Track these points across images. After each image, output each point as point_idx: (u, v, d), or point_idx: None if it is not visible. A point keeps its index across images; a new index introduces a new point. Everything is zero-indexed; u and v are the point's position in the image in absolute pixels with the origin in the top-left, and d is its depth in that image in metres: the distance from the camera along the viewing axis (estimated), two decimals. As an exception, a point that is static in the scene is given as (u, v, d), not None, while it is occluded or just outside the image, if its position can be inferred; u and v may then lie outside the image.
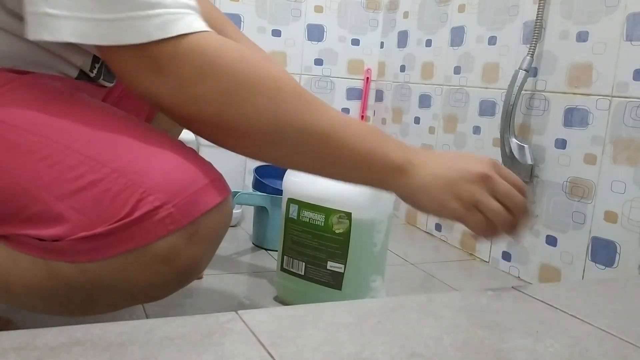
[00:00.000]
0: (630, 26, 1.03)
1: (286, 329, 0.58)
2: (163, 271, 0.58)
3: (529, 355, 0.57)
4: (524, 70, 1.18)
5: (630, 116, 1.02)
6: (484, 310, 0.68)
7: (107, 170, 0.56)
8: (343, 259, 0.90)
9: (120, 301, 0.63)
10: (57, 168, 0.56)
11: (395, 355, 0.55)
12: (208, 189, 0.58)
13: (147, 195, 0.55)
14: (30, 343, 0.50)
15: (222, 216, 0.60)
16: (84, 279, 0.57)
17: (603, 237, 1.06)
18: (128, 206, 0.55)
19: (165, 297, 0.63)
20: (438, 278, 1.21)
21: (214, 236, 0.60)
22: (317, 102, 0.60)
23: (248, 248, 1.30)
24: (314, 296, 0.94)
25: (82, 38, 0.54)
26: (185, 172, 0.58)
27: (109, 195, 0.55)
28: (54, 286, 0.58)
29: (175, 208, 0.55)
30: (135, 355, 0.50)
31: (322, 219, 0.91)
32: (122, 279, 0.58)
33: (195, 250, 0.58)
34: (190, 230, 0.57)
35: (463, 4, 1.46)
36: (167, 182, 0.56)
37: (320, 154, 0.60)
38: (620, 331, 0.65)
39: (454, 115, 1.48)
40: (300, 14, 1.72)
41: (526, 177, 1.21)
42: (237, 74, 0.57)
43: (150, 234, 0.55)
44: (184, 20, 0.56)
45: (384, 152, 0.61)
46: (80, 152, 0.57)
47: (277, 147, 0.60)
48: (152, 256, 0.56)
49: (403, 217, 1.69)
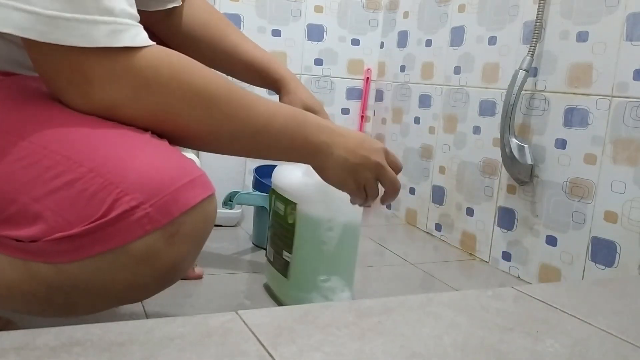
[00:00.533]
0: (630, 26, 1.03)
1: (286, 329, 0.58)
2: (143, 272, 0.57)
3: (529, 355, 0.57)
4: (524, 70, 1.18)
5: (630, 116, 1.02)
6: (484, 310, 0.68)
7: (84, 170, 0.55)
8: (291, 248, 0.92)
9: (101, 302, 0.62)
10: (34, 169, 0.56)
11: (395, 355, 0.55)
12: (188, 188, 0.57)
13: (123, 195, 0.54)
14: (30, 343, 0.50)
15: (204, 216, 0.59)
16: (63, 280, 0.57)
17: (603, 237, 1.06)
18: (104, 206, 0.54)
19: (146, 298, 0.63)
20: (438, 278, 1.21)
21: (196, 236, 0.59)
22: (246, 101, 0.66)
23: (248, 248, 1.30)
24: (274, 283, 1.01)
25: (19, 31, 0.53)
26: (163, 171, 0.57)
27: (85, 196, 0.55)
28: (33, 288, 0.58)
29: (152, 208, 0.55)
30: (135, 355, 0.50)
31: (283, 209, 0.93)
32: (102, 280, 0.57)
33: (176, 251, 0.58)
34: (170, 230, 0.56)
35: (463, 4, 1.46)
36: (145, 182, 0.55)
37: (252, 146, 0.68)
38: (620, 331, 0.65)
39: (454, 115, 1.48)
40: (300, 14, 1.72)
41: (526, 177, 1.21)
42: (173, 91, 0.60)
43: (127, 234, 0.55)
44: (130, 33, 0.57)
45: (303, 136, 0.71)
46: (57, 152, 0.56)
47: (213, 146, 0.67)
48: (131, 257, 0.56)
49: (403, 217, 1.69)
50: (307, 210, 0.89)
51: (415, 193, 1.63)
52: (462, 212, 1.43)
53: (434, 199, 1.55)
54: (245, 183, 1.53)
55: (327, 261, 0.92)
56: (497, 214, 1.32)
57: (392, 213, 1.75)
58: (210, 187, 0.60)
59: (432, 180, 1.56)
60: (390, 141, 1.76)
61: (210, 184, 0.60)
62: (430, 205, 1.57)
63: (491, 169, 1.34)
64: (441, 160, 1.52)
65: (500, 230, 1.30)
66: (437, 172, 1.54)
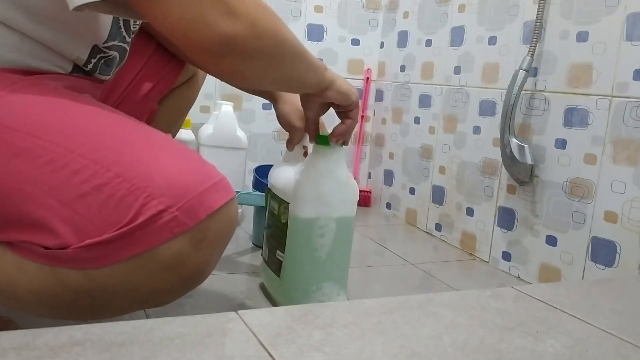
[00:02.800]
0: (630, 26, 1.03)
1: (286, 329, 0.58)
2: (169, 277, 0.58)
3: (529, 355, 0.57)
4: (524, 70, 1.18)
5: (630, 116, 1.02)
6: (484, 310, 0.68)
7: (111, 175, 0.56)
8: (284, 248, 0.91)
9: (126, 306, 0.62)
10: (62, 172, 0.56)
11: (395, 355, 0.55)
12: (212, 191, 0.58)
13: (150, 199, 0.55)
14: (30, 343, 0.50)
15: (228, 219, 0.60)
16: (91, 285, 0.57)
17: (603, 237, 1.06)
18: (132, 211, 0.55)
19: (171, 302, 0.63)
20: (438, 278, 1.21)
21: (221, 240, 0.60)
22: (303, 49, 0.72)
23: (248, 248, 1.30)
24: (270, 283, 1.00)
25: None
26: (188, 174, 0.57)
27: (113, 201, 0.55)
28: (60, 293, 0.58)
29: (179, 211, 0.55)
30: (135, 355, 0.50)
31: (277, 208, 0.93)
32: (129, 285, 0.58)
33: (202, 256, 0.58)
34: (196, 234, 0.57)
35: (463, 4, 1.46)
36: (171, 186, 0.56)
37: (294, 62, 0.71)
38: (620, 331, 0.65)
39: (454, 115, 1.48)
40: (300, 14, 1.72)
41: (526, 177, 1.21)
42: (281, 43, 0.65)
43: (156, 238, 0.55)
44: None
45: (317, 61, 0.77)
46: (84, 156, 0.57)
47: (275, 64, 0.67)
48: (159, 262, 0.56)
49: (403, 217, 1.69)
50: (299, 210, 0.88)
51: (415, 193, 1.63)
52: (462, 212, 1.43)
53: (434, 199, 1.55)
54: (245, 183, 1.53)
55: (320, 268, 0.91)
56: (497, 214, 1.32)
57: (392, 213, 1.75)
58: (231, 190, 0.61)
59: (432, 180, 1.56)
60: (390, 141, 1.76)
61: (231, 188, 0.61)
62: (430, 205, 1.57)
63: (491, 169, 1.34)
64: (441, 160, 1.52)
65: (500, 230, 1.30)
66: (437, 172, 1.54)
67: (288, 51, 0.67)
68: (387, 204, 1.77)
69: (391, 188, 1.75)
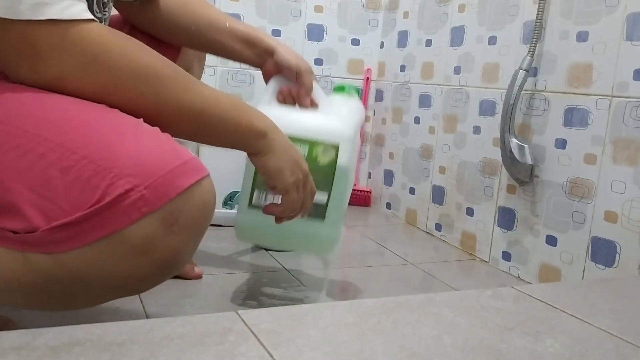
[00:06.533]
0: (630, 26, 1.03)
1: (286, 329, 0.58)
2: (141, 262, 0.57)
3: (529, 355, 0.57)
4: (524, 70, 1.18)
5: (630, 116, 1.02)
6: (483, 310, 0.68)
7: (77, 157, 0.55)
8: (328, 187, 0.90)
9: (100, 294, 0.62)
10: (28, 157, 0.56)
11: (395, 355, 0.55)
12: (182, 170, 0.57)
13: (117, 179, 0.54)
14: (30, 343, 0.50)
15: (200, 200, 0.58)
16: (62, 271, 0.57)
17: (603, 237, 1.06)
18: (99, 192, 0.54)
19: (145, 290, 0.62)
20: (438, 278, 1.21)
21: (194, 224, 0.59)
22: (192, 83, 0.67)
23: (248, 248, 1.30)
24: (289, 229, 0.89)
25: None
26: (157, 154, 0.57)
27: (79, 182, 0.55)
28: (32, 280, 0.58)
29: (147, 190, 0.55)
30: (135, 355, 0.50)
31: (305, 151, 0.89)
32: (100, 271, 0.57)
33: (175, 241, 0.57)
34: (167, 215, 0.56)
35: (463, 4, 1.46)
36: (138, 165, 0.55)
37: (197, 127, 0.68)
38: (620, 331, 0.65)
39: (454, 115, 1.48)
40: (300, 14, 1.72)
41: (526, 177, 1.21)
42: (122, 68, 0.61)
43: (124, 217, 0.54)
44: (58, 6, 0.56)
45: (248, 120, 0.72)
46: (50, 139, 0.56)
47: (161, 123, 0.63)
48: (129, 246, 0.55)
49: (403, 217, 1.69)
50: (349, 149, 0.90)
51: (415, 193, 1.63)
52: (462, 212, 1.43)
53: (434, 199, 1.55)
54: (245, 183, 1.53)
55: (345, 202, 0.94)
56: (497, 214, 1.32)
57: (392, 213, 1.75)
58: (203, 169, 0.59)
59: (432, 180, 1.56)
60: (390, 141, 1.76)
61: (203, 167, 0.60)
62: (430, 205, 1.57)
63: (491, 168, 1.34)
64: (441, 160, 1.52)
65: (500, 230, 1.30)
66: (437, 172, 1.54)
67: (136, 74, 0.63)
68: (387, 204, 1.77)
69: (391, 188, 1.75)
